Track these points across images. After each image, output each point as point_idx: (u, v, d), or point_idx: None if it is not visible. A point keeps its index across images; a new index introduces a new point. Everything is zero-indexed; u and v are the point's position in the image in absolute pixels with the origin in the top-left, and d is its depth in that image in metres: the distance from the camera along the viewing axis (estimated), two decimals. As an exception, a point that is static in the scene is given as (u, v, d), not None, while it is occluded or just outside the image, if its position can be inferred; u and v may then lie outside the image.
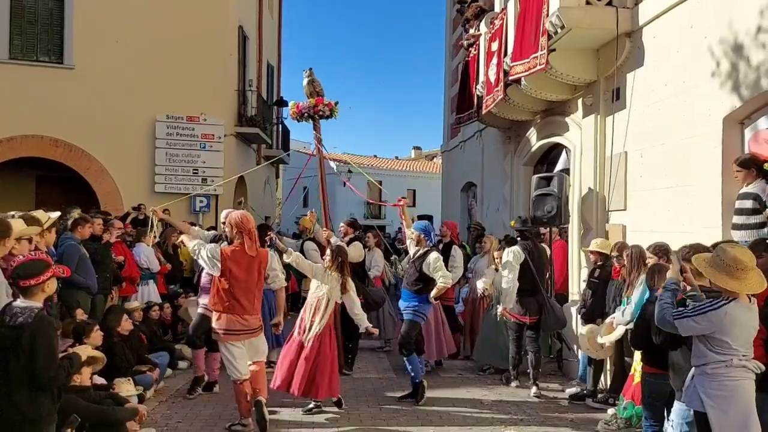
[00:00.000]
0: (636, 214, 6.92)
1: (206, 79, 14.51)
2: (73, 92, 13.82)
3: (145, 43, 14.17)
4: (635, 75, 6.98)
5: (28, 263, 3.47)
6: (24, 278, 3.34)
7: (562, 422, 6.00)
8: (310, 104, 7.57)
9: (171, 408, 6.29)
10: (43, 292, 3.40)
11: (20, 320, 3.23)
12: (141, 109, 14.16)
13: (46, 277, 3.39)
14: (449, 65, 16.81)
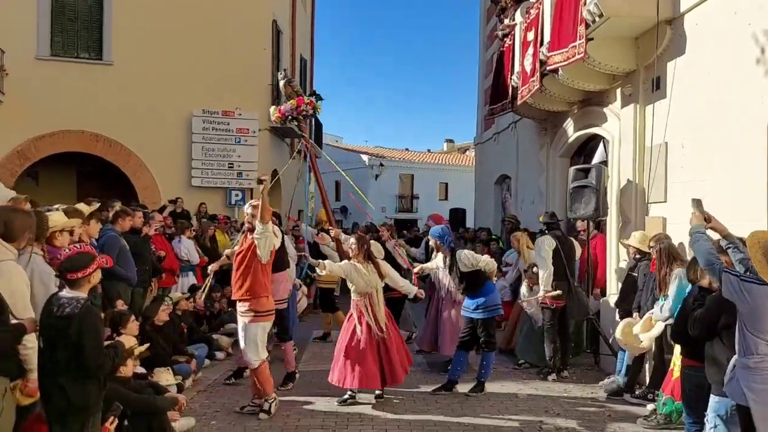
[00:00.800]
0: (676, 206, 6.76)
1: (241, 73, 14.66)
2: (112, 88, 14.11)
3: (180, 39, 14.38)
4: (676, 63, 6.81)
5: (75, 257, 3.55)
6: (71, 271, 3.42)
7: (599, 417, 5.92)
8: (291, 106, 7.50)
9: (209, 398, 6.40)
10: (89, 284, 3.49)
11: (67, 311, 3.31)
12: (178, 104, 14.38)
13: (92, 269, 3.48)
14: (483, 56, 16.67)
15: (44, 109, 13.77)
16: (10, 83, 13.58)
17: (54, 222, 4.59)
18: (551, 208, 10.16)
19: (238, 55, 14.64)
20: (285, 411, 5.87)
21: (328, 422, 5.63)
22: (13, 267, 3.48)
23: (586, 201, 7.58)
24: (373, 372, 6.10)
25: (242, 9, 14.87)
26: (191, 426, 5.37)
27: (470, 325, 6.74)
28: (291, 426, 5.54)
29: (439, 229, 7.05)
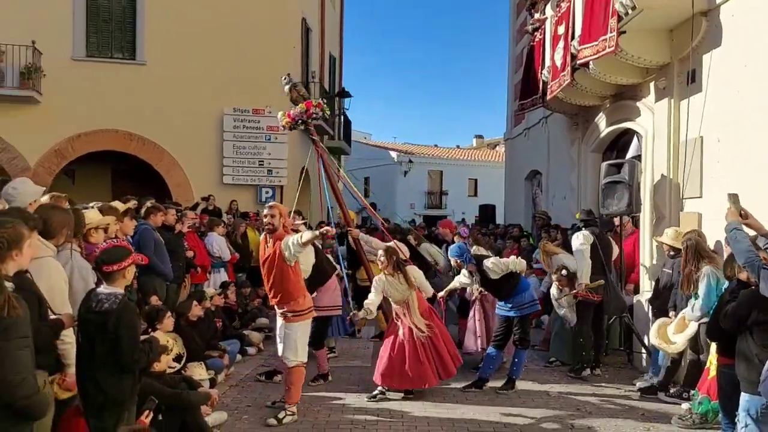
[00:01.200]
0: (712, 201, 6.61)
1: (270, 71, 14.73)
2: (145, 87, 14.37)
3: (211, 38, 14.57)
4: (712, 56, 6.65)
5: (111, 249, 3.64)
6: (108, 263, 3.49)
7: (632, 416, 5.84)
8: (301, 110, 7.36)
9: (241, 392, 6.48)
10: (123, 278, 3.55)
11: (106, 306, 3.39)
12: (209, 103, 14.58)
13: (127, 263, 3.53)
14: (513, 51, 16.51)
15: (80, 108, 14.10)
16: (47, 84, 13.94)
17: (89, 219, 4.69)
18: (583, 204, 10.04)
19: (268, 54, 14.76)
20: (315, 407, 5.92)
21: (358, 418, 5.65)
22: (52, 263, 3.57)
23: (619, 197, 7.47)
24: (422, 371, 6.15)
25: (272, 8, 14.99)
26: (223, 420, 5.45)
27: (505, 323, 6.70)
28: (321, 422, 5.57)
29: (456, 249, 6.94)
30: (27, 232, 2.94)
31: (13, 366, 2.68)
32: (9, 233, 2.84)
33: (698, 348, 5.92)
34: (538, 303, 7.00)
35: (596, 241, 7.22)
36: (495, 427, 5.48)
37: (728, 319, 3.92)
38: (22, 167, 13.99)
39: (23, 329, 2.75)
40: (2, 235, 2.82)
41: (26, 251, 2.94)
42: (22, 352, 2.72)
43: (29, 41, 13.46)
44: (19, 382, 2.68)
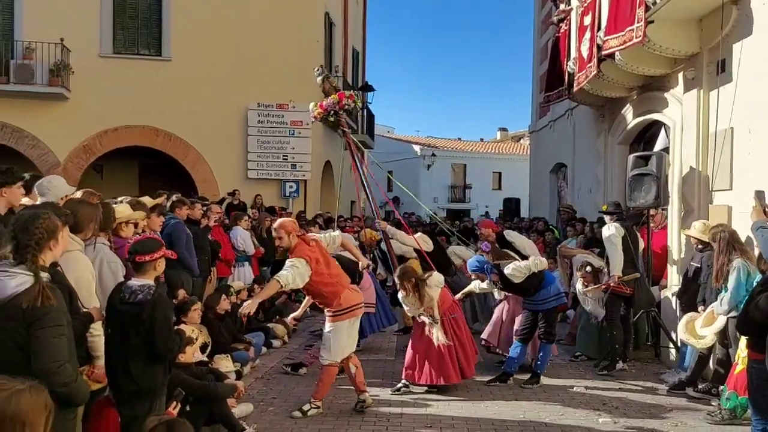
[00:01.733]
0: (743, 194, 6.47)
1: (294, 66, 14.83)
2: (171, 83, 14.54)
3: (235, 34, 14.67)
4: (743, 45, 6.50)
5: (144, 241, 3.76)
6: (140, 254, 3.59)
7: (659, 411, 5.77)
8: (334, 101, 7.36)
9: (266, 385, 6.55)
10: (154, 270, 3.64)
11: (140, 297, 3.47)
12: (233, 98, 14.70)
13: (159, 255, 3.63)
14: (538, 43, 16.34)
15: (107, 105, 14.32)
16: (75, 81, 14.16)
17: (120, 213, 4.76)
18: (609, 197, 9.91)
19: (292, 48, 14.82)
20: (340, 399, 5.95)
21: (382, 411, 5.68)
22: (80, 257, 3.64)
23: (647, 189, 7.35)
24: (444, 368, 6.17)
25: (295, 3, 15.06)
26: (249, 412, 5.51)
27: (531, 318, 6.66)
28: (346, 412, 5.61)
29: (474, 263, 6.88)
30: (61, 224, 3.01)
31: (50, 354, 2.75)
32: (47, 224, 2.91)
33: (727, 343, 5.82)
34: (564, 296, 6.95)
35: (626, 234, 7.15)
36: (520, 422, 5.46)
37: (758, 311, 3.84)
38: (52, 163, 14.27)
39: (59, 318, 2.82)
40: (41, 225, 2.89)
41: (61, 242, 3.01)
42: (58, 340, 2.80)
43: (58, 39, 13.70)
44: (57, 369, 2.76)
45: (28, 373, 2.69)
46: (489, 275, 6.74)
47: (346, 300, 5.56)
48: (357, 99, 7.44)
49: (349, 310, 5.57)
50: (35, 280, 2.77)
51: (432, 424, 5.37)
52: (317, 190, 16.10)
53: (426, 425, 5.35)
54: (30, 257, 2.82)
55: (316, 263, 5.38)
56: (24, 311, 2.72)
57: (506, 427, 5.34)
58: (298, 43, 14.97)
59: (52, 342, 2.76)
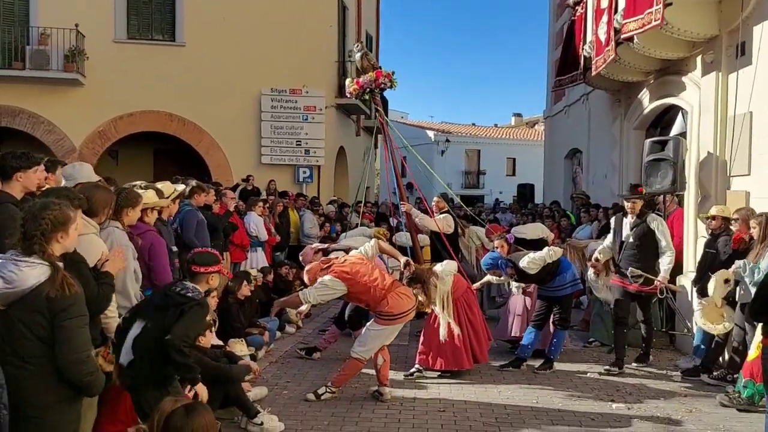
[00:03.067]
0: (761, 179, 6.40)
1: (307, 51, 14.80)
2: (184, 68, 14.56)
3: (248, 19, 14.64)
4: (763, 27, 6.38)
5: (204, 253, 4.07)
6: (197, 264, 3.84)
7: (673, 397, 5.75)
8: (370, 78, 7.37)
9: (280, 369, 6.60)
10: (207, 283, 3.85)
11: (190, 294, 3.65)
12: (247, 83, 14.70)
13: (214, 269, 3.87)
14: (553, 27, 16.15)
15: (122, 90, 14.38)
16: (90, 67, 14.22)
17: (148, 200, 4.79)
18: (625, 183, 9.82)
19: (305, 33, 14.78)
20: (353, 383, 5.98)
21: (395, 395, 5.70)
22: (95, 239, 3.67)
23: (663, 175, 7.26)
24: (457, 354, 6.19)
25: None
26: (264, 395, 5.56)
27: (546, 304, 6.64)
28: (359, 398, 5.64)
29: (488, 260, 6.84)
30: (73, 215, 2.94)
31: (78, 345, 2.77)
32: (55, 215, 2.83)
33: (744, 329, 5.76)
34: (580, 282, 6.92)
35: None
36: (533, 407, 5.46)
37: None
38: (67, 148, 14.39)
39: (83, 308, 2.83)
40: (48, 216, 2.81)
41: (72, 234, 2.94)
42: (84, 330, 2.81)
43: (72, 25, 13.75)
44: (85, 359, 2.79)
45: (49, 365, 2.73)
46: (504, 270, 6.71)
47: (395, 306, 5.41)
48: (394, 79, 7.45)
49: (398, 317, 5.46)
50: (54, 269, 2.74)
51: (445, 409, 5.39)
52: (331, 175, 16.11)
53: (439, 409, 5.37)
54: (37, 248, 2.75)
55: (350, 277, 5.37)
56: (50, 301, 2.69)
57: (519, 411, 5.35)
58: (311, 27, 14.92)
59: (79, 332, 2.77)
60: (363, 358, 5.55)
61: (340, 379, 5.64)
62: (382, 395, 5.60)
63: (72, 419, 2.90)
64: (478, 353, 6.41)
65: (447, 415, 5.25)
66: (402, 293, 5.53)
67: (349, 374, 5.65)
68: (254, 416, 4.78)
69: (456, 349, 6.19)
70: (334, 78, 15.75)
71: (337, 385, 5.63)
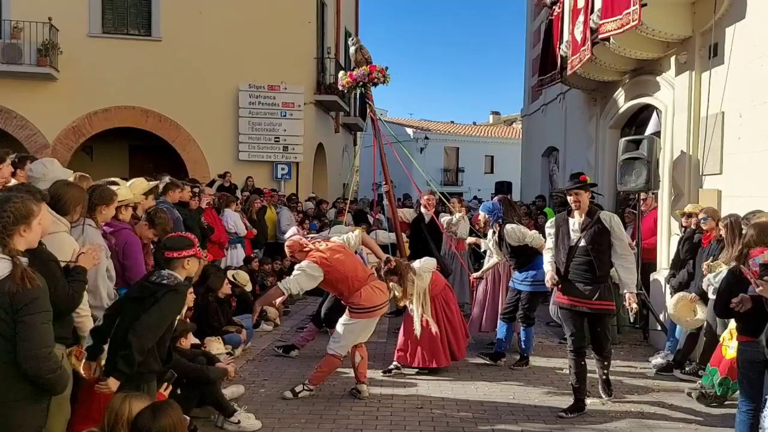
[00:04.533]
0: (732, 178, 6.52)
1: (286, 47, 14.71)
2: (161, 64, 14.39)
3: (226, 14, 14.51)
4: (735, 29, 6.49)
5: (176, 237, 3.80)
6: (169, 249, 3.63)
7: (647, 393, 5.84)
8: (364, 72, 7.45)
9: (258, 367, 6.57)
10: (183, 268, 3.64)
11: (165, 281, 3.53)
12: (224, 79, 14.57)
13: (188, 253, 3.64)
14: (531, 26, 16.26)
15: (97, 85, 14.17)
16: (64, 61, 13.98)
17: (122, 196, 4.72)
18: (600, 181, 9.92)
19: (283, 29, 14.70)
20: (331, 381, 5.98)
21: (373, 392, 5.71)
22: (66, 238, 3.61)
23: (637, 173, 7.37)
24: (435, 351, 6.23)
25: (287, -19, 14.87)
26: (240, 393, 5.54)
27: (515, 297, 6.70)
28: (337, 395, 5.64)
29: (489, 205, 6.92)
30: (36, 209, 2.88)
31: (40, 340, 2.71)
32: (17, 207, 2.78)
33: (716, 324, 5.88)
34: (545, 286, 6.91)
35: None
36: (510, 404, 5.51)
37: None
38: (40, 144, 14.14)
39: (46, 303, 2.78)
40: (10, 209, 2.76)
41: (35, 228, 2.88)
42: (47, 326, 2.76)
43: (46, 18, 13.50)
44: (47, 355, 2.73)
45: (10, 361, 2.68)
46: (492, 223, 6.74)
47: (367, 299, 5.47)
48: (387, 75, 7.48)
49: (369, 310, 5.51)
50: (14, 263, 2.69)
51: (422, 405, 5.42)
52: (309, 172, 16.06)
53: (417, 406, 5.40)
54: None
55: (329, 264, 5.39)
56: (12, 296, 2.65)
57: (495, 408, 5.39)
58: (289, 23, 14.84)
59: (41, 327, 2.72)
60: (339, 354, 5.56)
61: (317, 377, 5.63)
62: (360, 393, 5.61)
63: (36, 418, 2.84)
64: (456, 350, 6.46)
65: (424, 411, 5.28)
66: (376, 287, 5.58)
67: (326, 371, 5.65)
68: (231, 415, 4.76)
69: (434, 346, 6.23)
70: (313, 74, 15.70)
71: (314, 383, 5.62)
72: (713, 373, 5.45)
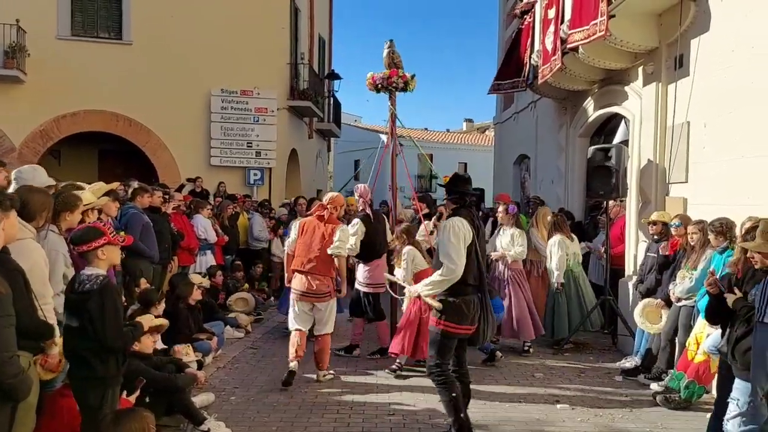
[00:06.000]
0: (697, 186, 6.67)
1: (259, 52, 14.64)
2: (131, 68, 14.20)
3: (198, 18, 14.40)
4: (700, 41, 6.66)
5: (81, 230, 3.63)
6: (78, 244, 3.49)
7: (615, 397, 5.91)
8: (384, 76, 7.56)
9: (228, 374, 6.50)
10: (99, 259, 3.49)
11: (87, 286, 3.38)
12: (196, 84, 14.44)
13: (98, 243, 3.47)
14: (503, 35, 16.44)
15: (65, 89, 13.92)
16: (31, 64, 13.72)
17: (87, 200, 4.65)
18: (570, 189, 10.09)
19: (256, 34, 14.63)
20: (304, 389, 5.95)
21: (345, 399, 5.70)
22: (32, 245, 3.55)
23: (606, 181, 7.50)
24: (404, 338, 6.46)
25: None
26: (210, 401, 5.47)
27: None
28: (308, 402, 5.61)
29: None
30: (1, 214, 2.86)
31: (2, 344, 2.66)
32: None
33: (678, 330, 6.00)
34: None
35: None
36: (480, 409, 5.53)
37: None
38: (6, 148, 13.84)
39: (8, 307, 2.73)
40: None
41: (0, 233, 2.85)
42: (9, 330, 2.71)
43: (13, 20, 13.24)
44: (8, 359, 2.68)
45: None
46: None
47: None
48: (411, 81, 7.52)
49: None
50: None
51: (394, 413, 5.41)
52: (282, 178, 15.98)
53: (388, 413, 5.39)
54: None
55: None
56: None
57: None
58: (262, 29, 14.78)
59: (3, 332, 2.67)
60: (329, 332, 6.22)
61: (325, 359, 6.19)
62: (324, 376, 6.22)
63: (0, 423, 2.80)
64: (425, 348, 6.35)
65: (396, 419, 5.27)
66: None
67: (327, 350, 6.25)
68: (201, 423, 4.69)
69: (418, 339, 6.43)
70: (286, 80, 15.65)
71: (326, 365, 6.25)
72: (680, 378, 5.56)
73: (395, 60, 7.60)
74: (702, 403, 5.48)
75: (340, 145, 35.29)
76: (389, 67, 7.59)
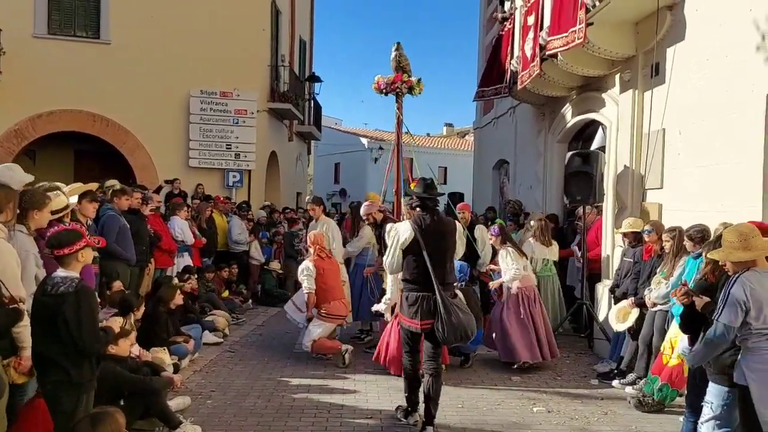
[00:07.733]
0: (673, 192, 6.79)
1: (239, 54, 14.55)
2: (109, 67, 14.01)
3: (178, 18, 14.27)
4: (676, 49, 6.78)
5: (62, 233, 3.55)
6: (58, 247, 3.43)
7: (591, 400, 5.98)
8: (388, 80, 7.57)
9: (205, 377, 6.45)
10: (77, 262, 3.46)
11: (62, 289, 3.33)
12: (175, 84, 14.30)
13: (79, 246, 3.45)
14: (483, 40, 16.56)
15: (41, 88, 13.70)
16: (6, 62, 13.47)
17: (60, 204, 4.58)
18: (548, 194, 10.18)
19: (237, 36, 14.54)
20: (281, 392, 5.93)
21: (323, 402, 5.69)
22: (4, 245, 3.49)
23: (583, 186, 7.59)
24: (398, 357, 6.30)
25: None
26: (187, 405, 5.43)
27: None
28: (286, 405, 5.59)
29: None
30: None
31: None
32: None
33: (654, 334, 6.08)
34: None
35: None
36: (458, 412, 5.56)
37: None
38: (-20, 147, 13.57)
39: None
40: None
41: None
42: None
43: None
44: None
45: None
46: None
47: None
48: (417, 86, 7.49)
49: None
50: None
51: (372, 416, 5.41)
52: (262, 180, 15.90)
53: (366, 416, 5.39)
54: None
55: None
56: None
57: (444, 417, 5.42)
58: (243, 30, 14.69)
59: None
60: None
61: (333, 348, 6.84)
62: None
63: None
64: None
65: (374, 422, 5.28)
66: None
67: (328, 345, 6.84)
68: (177, 427, 4.65)
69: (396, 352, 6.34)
70: (267, 82, 15.58)
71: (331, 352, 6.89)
72: (654, 381, 5.64)
73: (402, 63, 7.58)
74: (675, 405, 5.56)
75: (321, 148, 35.25)
76: (396, 70, 7.59)
